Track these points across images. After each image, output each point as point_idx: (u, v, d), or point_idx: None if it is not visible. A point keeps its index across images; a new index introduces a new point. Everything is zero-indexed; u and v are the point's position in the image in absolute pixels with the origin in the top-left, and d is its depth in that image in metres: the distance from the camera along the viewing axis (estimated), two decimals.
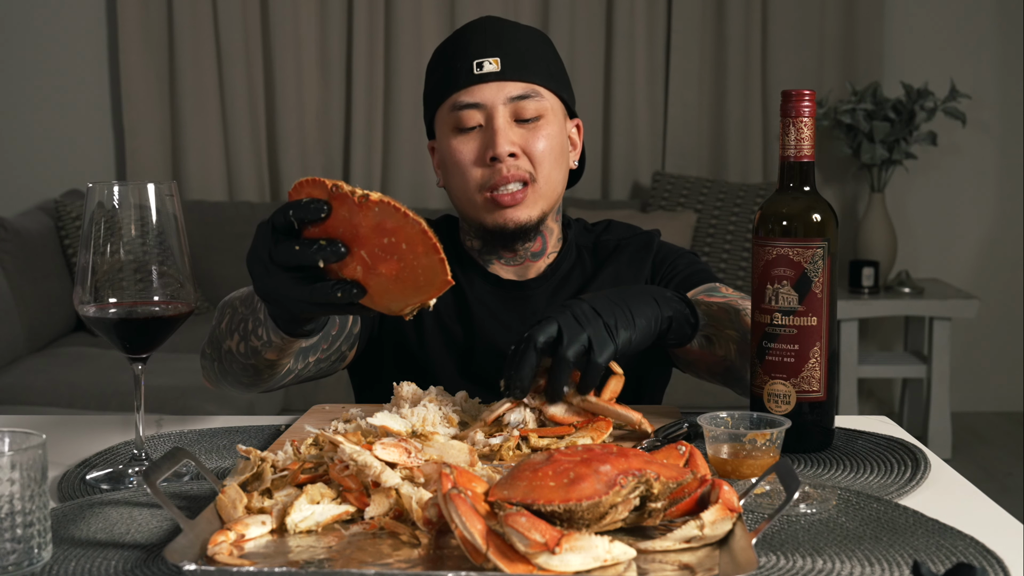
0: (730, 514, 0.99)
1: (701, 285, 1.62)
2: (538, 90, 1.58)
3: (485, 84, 1.57)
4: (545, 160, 1.58)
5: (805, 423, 1.31)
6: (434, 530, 1.00)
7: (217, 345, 1.44)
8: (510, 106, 1.57)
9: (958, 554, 1.00)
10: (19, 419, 1.62)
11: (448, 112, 1.59)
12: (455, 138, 1.58)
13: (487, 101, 1.56)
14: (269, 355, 1.36)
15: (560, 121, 1.62)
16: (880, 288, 4.45)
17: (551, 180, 1.59)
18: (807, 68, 4.73)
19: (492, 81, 1.56)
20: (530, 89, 1.57)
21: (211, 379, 1.52)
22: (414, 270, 1.04)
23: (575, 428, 1.32)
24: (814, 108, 1.32)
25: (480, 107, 1.56)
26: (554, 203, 1.62)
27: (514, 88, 1.57)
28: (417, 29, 4.66)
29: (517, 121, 1.57)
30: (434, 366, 1.63)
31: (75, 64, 4.68)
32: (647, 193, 4.68)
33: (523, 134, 1.57)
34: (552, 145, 1.58)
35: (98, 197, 1.21)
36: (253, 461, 1.12)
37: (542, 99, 1.58)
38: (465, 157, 1.57)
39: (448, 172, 1.61)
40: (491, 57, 1.57)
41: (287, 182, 4.69)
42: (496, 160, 1.55)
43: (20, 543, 0.94)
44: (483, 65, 1.57)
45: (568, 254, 1.68)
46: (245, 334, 1.38)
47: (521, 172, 1.56)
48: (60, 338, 4.08)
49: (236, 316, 1.40)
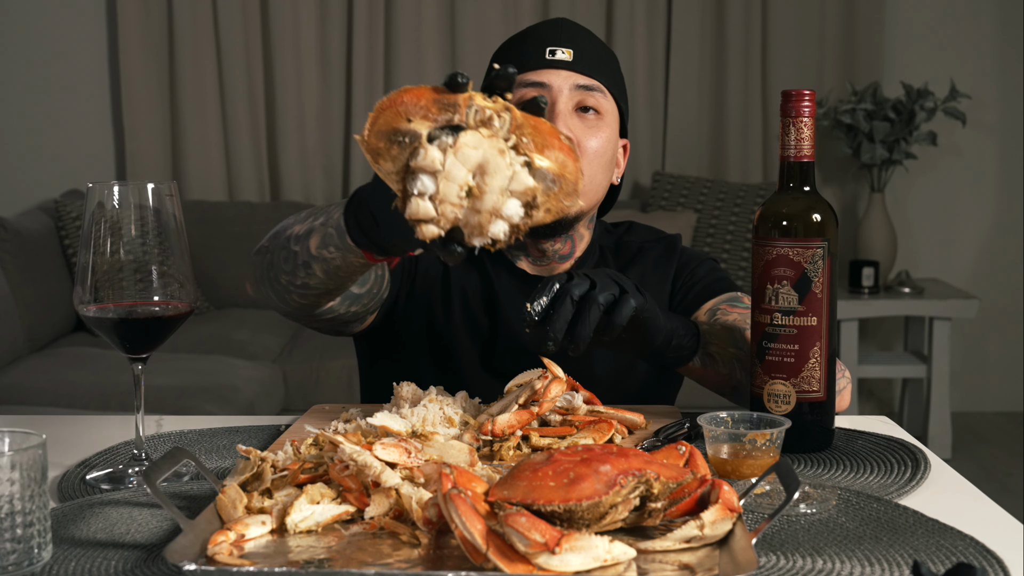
0: (730, 514, 0.99)
1: (723, 294, 1.62)
2: (603, 89, 1.60)
3: (555, 69, 1.58)
4: (596, 159, 1.58)
5: (805, 423, 1.31)
6: (434, 530, 1.01)
7: (278, 236, 1.43)
8: (575, 95, 1.58)
9: (958, 554, 1.00)
10: (19, 419, 1.62)
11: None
12: None
13: (554, 84, 1.57)
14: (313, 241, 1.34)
15: (615, 129, 1.62)
16: (880, 288, 4.45)
17: (594, 181, 1.59)
18: (807, 68, 4.73)
19: (562, 68, 1.58)
20: (597, 84, 1.59)
21: (255, 278, 1.48)
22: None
23: (576, 428, 1.32)
24: (814, 108, 1.32)
25: (546, 88, 1.57)
26: (592, 206, 1.63)
27: (582, 79, 1.58)
28: (417, 29, 4.66)
29: (578, 111, 1.58)
30: (456, 349, 1.63)
31: (75, 64, 4.68)
32: (647, 193, 4.68)
33: (581, 127, 1.58)
34: (604, 148, 1.59)
35: (98, 197, 1.21)
36: (253, 461, 1.12)
37: (605, 98, 1.60)
38: None
39: None
40: (565, 47, 1.59)
41: (287, 182, 4.70)
42: None
43: (20, 543, 0.94)
44: (556, 52, 1.58)
45: (592, 254, 1.69)
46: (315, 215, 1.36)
47: None
48: (60, 338, 4.08)
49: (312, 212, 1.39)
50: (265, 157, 4.71)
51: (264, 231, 4.41)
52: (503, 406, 1.32)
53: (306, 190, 4.71)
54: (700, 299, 1.65)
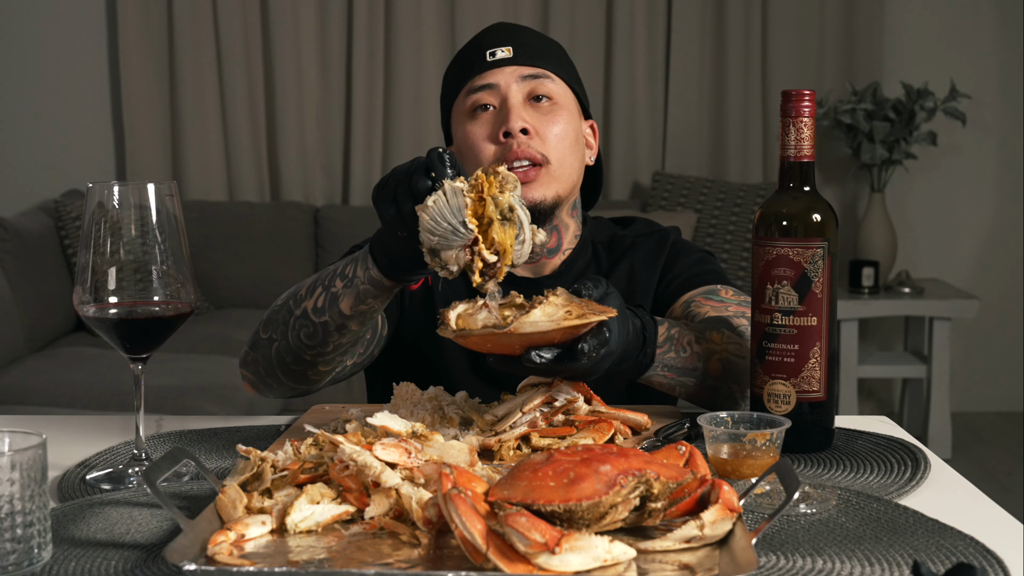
0: (730, 514, 0.99)
1: (701, 287, 1.60)
2: (550, 74, 1.61)
3: (498, 68, 1.60)
4: (559, 143, 1.59)
5: (805, 423, 1.31)
6: (434, 530, 1.01)
7: (280, 323, 1.46)
8: (523, 85, 1.59)
9: (958, 554, 1.00)
10: (19, 419, 1.62)
11: (463, 99, 1.62)
12: (470, 122, 1.61)
13: (499, 81, 1.59)
14: (344, 304, 1.39)
15: (574, 112, 1.63)
16: (880, 288, 4.45)
17: (565, 164, 1.59)
18: (807, 68, 4.73)
19: (505, 65, 1.60)
20: (542, 72, 1.61)
21: (258, 375, 1.51)
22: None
23: (576, 428, 1.32)
24: (814, 108, 1.32)
25: (494, 88, 1.59)
26: (569, 191, 1.62)
27: (526, 69, 1.60)
28: (417, 29, 4.66)
29: (531, 101, 1.59)
30: (445, 362, 1.63)
31: (75, 64, 4.68)
32: (647, 193, 4.68)
33: (536, 116, 1.59)
34: (566, 130, 1.60)
35: (98, 197, 1.21)
36: (253, 461, 1.12)
37: (554, 83, 1.61)
38: (479, 138, 1.59)
39: (464, 158, 1.62)
40: (503, 47, 1.61)
41: (287, 182, 4.70)
42: (509, 135, 1.56)
43: (20, 543, 0.94)
44: (496, 53, 1.61)
45: (583, 251, 1.68)
46: (331, 282, 1.41)
47: (533, 151, 1.56)
48: (60, 338, 4.08)
49: (323, 274, 1.44)
50: (265, 157, 4.71)
51: (264, 231, 4.43)
52: (510, 408, 1.32)
53: (306, 190, 4.71)
54: (679, 292, 1.63)
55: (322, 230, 4.50)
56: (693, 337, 1.44)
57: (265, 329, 1.48)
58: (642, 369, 1.41)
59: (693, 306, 1.56)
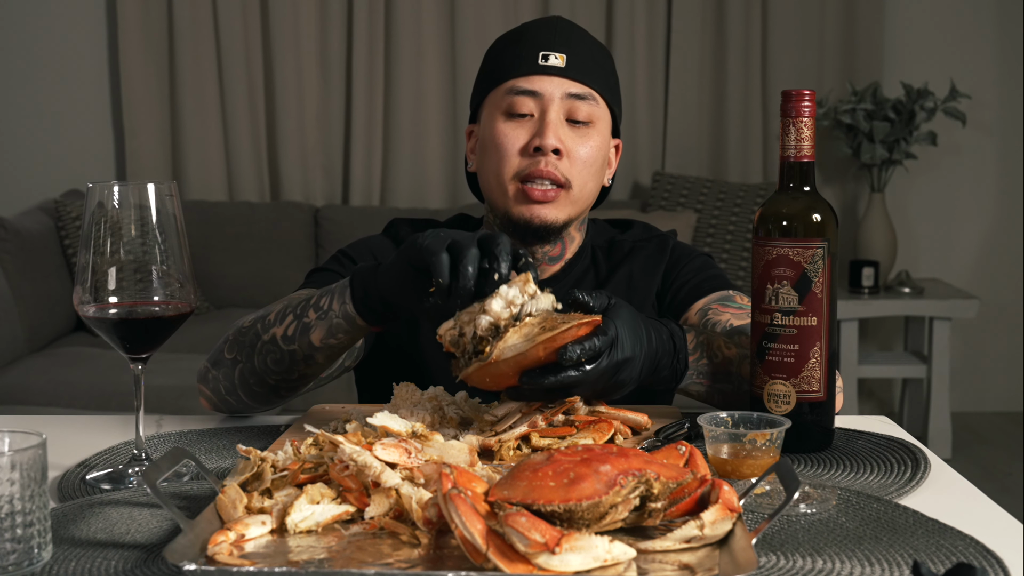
0: (730, 514, 0.99)
1: (713, 293, 1.60)
2: (595, 95, 1.59)
3: (547, 76, 1.57)
4: (586, 168, 1.58)
5: (805, 423, 1.31)
6: (434, 530, 1.00)
7: (246, 345, 1.45)
8: (567, 103, 1.57)
9: (958, 554, 1.00)
10: (19, 419, 1.62)
11: (503, 96, 1.58)
12: (504, 122, 1.58)
13: (545, 92, 1.57)
14: (315, 335, 1.39)
15: (607, 134, 1.62)
16: (880, 288, 4.45)
17: (585, 189, 1.59)
18: (807, 68, 4.73)
19: (555, 75, 1.57)
20: (588, 92, 1.58)
21: (217, 393, 1.50)
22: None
23: (576, 428, 1.32)
24: (814, 108, 1.32)
25: (537, 96, 1.57)
26: (581, 213, 1.62)
27: (574, 86, 1.57)
28: (417, 30, 4.66)
29: (569, 122, 1.58)
30: (428, 365, 1.62)
31: (75, 64, 4.68)
32: (647, 193, 4.68)
33: (572, 136, 1.57)
34: (595, 155, 1.59)
35: (98, 197, 1.21)
36: (253, 461, 1.12)
37: (597, 105, 1.59)
38: (510, 142, 1.57)
39: (486, 155, 1.60)
40: (558, 52, 1.58)
41: (287, 182, 4.70)
42: (539, 151, 1.55)
43: (20, 543, 0.94)
44: (548, 57, 1.57)
45: (582, 256, 1.67)
46: (303, 312, 1.41)
47: (559, 174, 1.55)
48: (60, 338, 4.08)
49: (295, 301, 1.44)
50: (265, 157, 4.71)
51: (264, 231, 4.43)
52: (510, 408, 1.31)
53: (306, 190, 4.71)
54: (690, 299, 1.62)
55: (322, 230, 4.50)
56: (722, 342, 1.45)
57: (230, 350, 1.47)
58: (679, 377, 1.41)
59: (711, 314, 1.55)
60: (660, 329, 1.38)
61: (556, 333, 1.20)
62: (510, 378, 1.26)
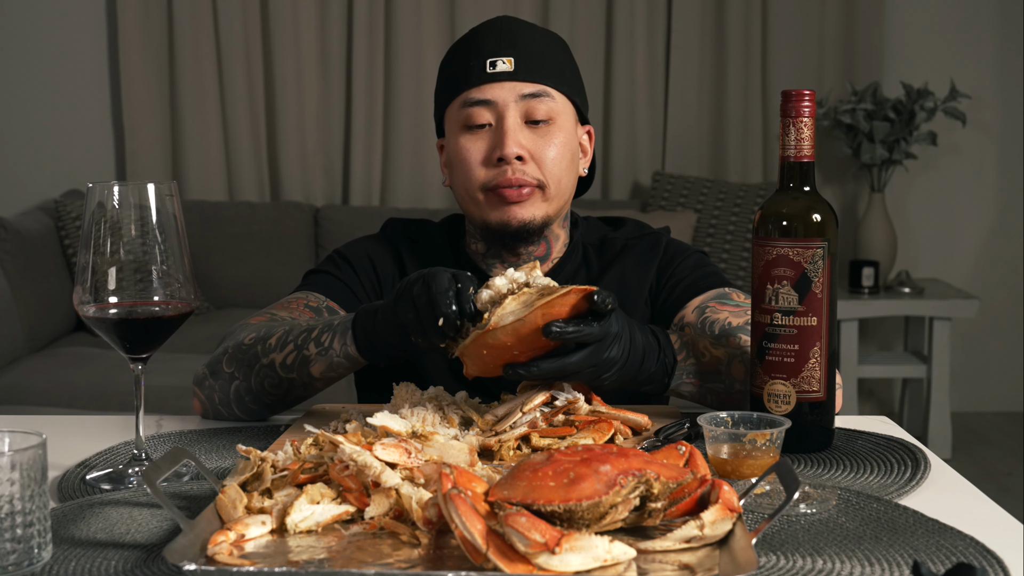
0: (730, 514, 0.99)
1: (710, 291, 1.58)
2: (550, 91, 1.57)
3: (497, 83, 1.56)
4: (555, 166, 1.57)
5: (805, 423, 1.31)
6: (434, 530, 1.01)
7: (244, 364, 1.46)
8: (521, 105, 1.56)
9: (958, 554, 1.00)
10: (19, 419, 1.62)
11: (458, 109, 1.58)
12: (464, 136, 1.57)
13: (498, 99, 1.55)
14: (315, 368, 1.43)
15: (571, 126, 1.60)
16: (880, 288, 4.45)
17: (560, 186, 1.58)
18: (807, 68, 4.73)
19: (504, 80, 1.56)
20: (542, 89, 1.57)
21: (211, 401, 1.50)
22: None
23: (576, 428, 1.32)
24: (814, 108, 1.32)
25: (491, 104, 1.56)
26: (560, 209, 1.61)
27: (527, 87, 1.56)
28: (417, 29, 4.66)
29: (528, 123, 1.56)
30: (424, 363, 1.62)
31: (75, 64, 4.68)
32: (647, 193, 4.68)
33: (533, 139, 1.56)
34: (562, 152, 1.57)
35: (98, 197, 1.21)
36: (253, 461, 1.12)
37: (554, 101, 1.57)
38: (472, 156, 1.56)
39: (454, 170, 1.60)
40: (505, 56, 1.56)
41: (287, 182, 4.70)
42: (503, 161, 1.54)
43: (20, 543, 0.94)
44: (496, 64, 1.56)
45: (573, 255, 1.66)
46: (303, 343, 1.43)
47: (527, 178, 1.55)
48: (60, 338, 4.08)
49: (295, 331, 1.45)
50: (265, 157, 4.71)
51: (264, 231, 4.43)
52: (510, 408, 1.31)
53: (306, 190, 4.71)
54: (685, 297, 1.60)
55: (322, 230, 4.50)
56: (708, 342, 1.45)
57: (229, 363, 1.48)
58: (669, 371, 1.42)
59: (708, 312, 1.53)
60: (642, 327, 1.41)
61: (554, 297, 1.21)
62: (508, 350, 1.25)
